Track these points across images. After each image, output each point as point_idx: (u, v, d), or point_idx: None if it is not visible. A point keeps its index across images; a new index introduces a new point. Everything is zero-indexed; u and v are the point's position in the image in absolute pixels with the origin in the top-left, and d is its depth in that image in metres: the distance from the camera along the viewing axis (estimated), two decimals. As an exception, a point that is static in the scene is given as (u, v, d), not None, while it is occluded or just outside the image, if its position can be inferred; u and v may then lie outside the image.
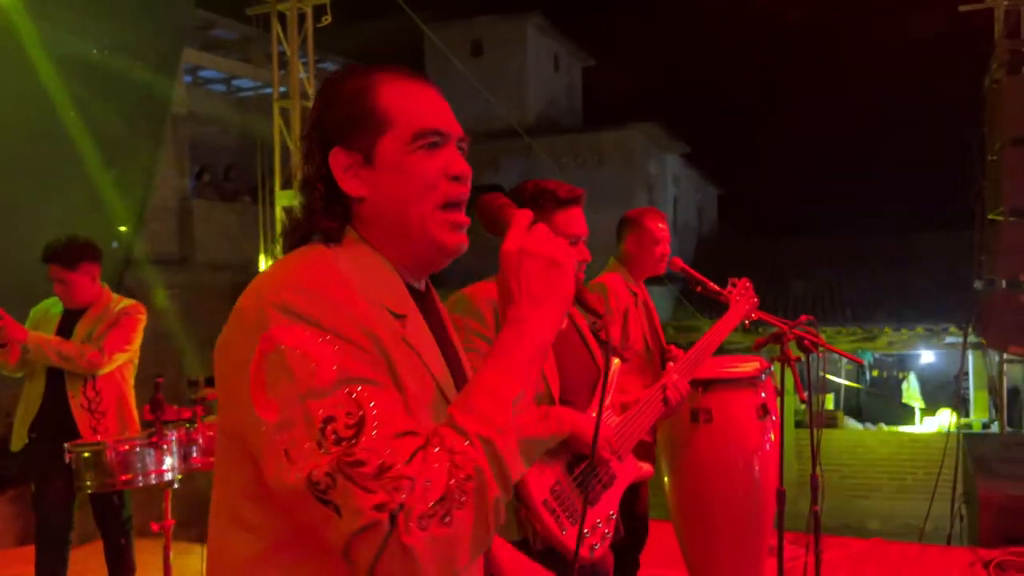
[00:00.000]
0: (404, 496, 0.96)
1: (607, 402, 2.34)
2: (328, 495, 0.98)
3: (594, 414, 2.19)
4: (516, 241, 1.17)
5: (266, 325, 1.06)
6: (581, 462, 2.17)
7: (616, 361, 2.45)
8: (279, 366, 1.03)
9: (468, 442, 1.02)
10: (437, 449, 1.01)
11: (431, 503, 0.97)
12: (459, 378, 1.29)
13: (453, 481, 0.99)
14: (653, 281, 3.70)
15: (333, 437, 0.99)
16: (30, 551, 3.87)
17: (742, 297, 3.11)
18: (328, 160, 1.21)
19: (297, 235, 1.24)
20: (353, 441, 0.99)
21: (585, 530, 2.16)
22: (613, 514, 2.27)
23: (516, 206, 1.26)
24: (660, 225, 3.48)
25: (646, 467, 2.45)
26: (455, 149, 1.25)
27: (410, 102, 1.23)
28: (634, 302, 3.38)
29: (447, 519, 0.97)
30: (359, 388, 1.03)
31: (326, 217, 1.22)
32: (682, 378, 2.57)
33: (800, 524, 3.73)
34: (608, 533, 2.24)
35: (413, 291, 1.26)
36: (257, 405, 1.04)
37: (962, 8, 7.72)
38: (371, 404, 1.02)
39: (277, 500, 1.05)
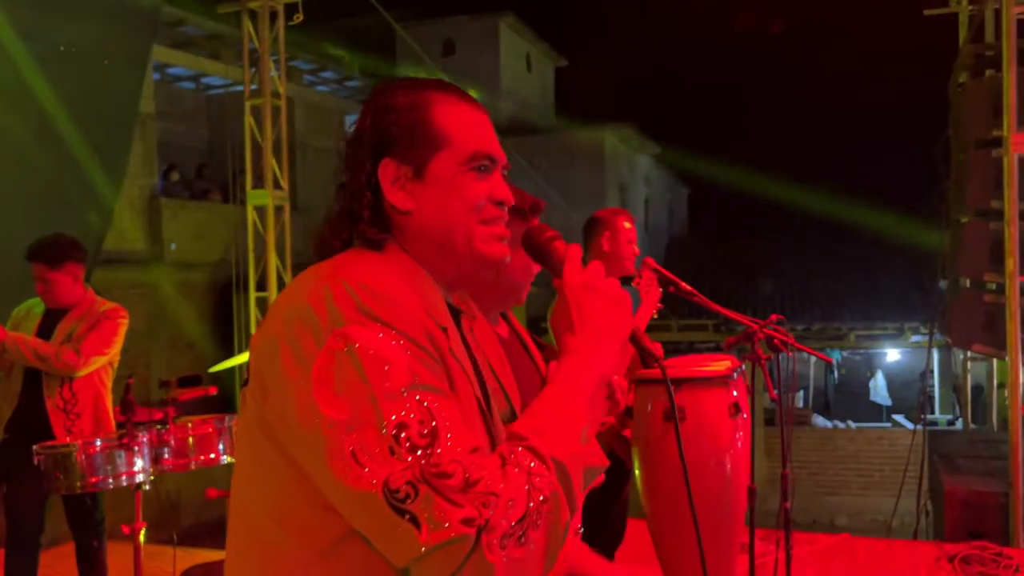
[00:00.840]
0: (491, 512, 0.95)
1: None
2: (407, 504, 0.95)
3: None
4: (577, 275, 1.22)
5: (338, 321, 1.03)
6: None
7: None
8: (351, 364, 1.00)
9: (544, 464, 1.02)
10: (516, 469, 1.00)
11: (513, 522, 0.96)
12: (486, 396, 1.26)
13: (532, 503, 0.99)
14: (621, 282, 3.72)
15: (408, 444, 0.97)
16: (0, 553, 3.83)
17: (650, 286, 3.18)
18: (377, 170, 1.21)
19: (339, 240, 1.22)
20: (429, 451, 0.97)
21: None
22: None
23: (564, 238, 1.32)
24: (628, 225, 3.53)
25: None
26: (500, 175, 1.27)
27: (467, 124, 1.24)
28: None
29: (523, 540, 0.97)
30: (430, 396, 1.01)
31: (372, 225, 1.21)
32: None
33: (770, 521, 3.78)
34: (579, 530, 2.26)
35: (450, 307, 1.27)
36: (322, 402, 1.00)
37: (927, 12, 7.86)
38: (442, 414, 1.00)
39: (327, 502, 1.02)
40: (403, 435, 0.97)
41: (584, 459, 1.09)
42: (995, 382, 8.08)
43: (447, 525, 0.94)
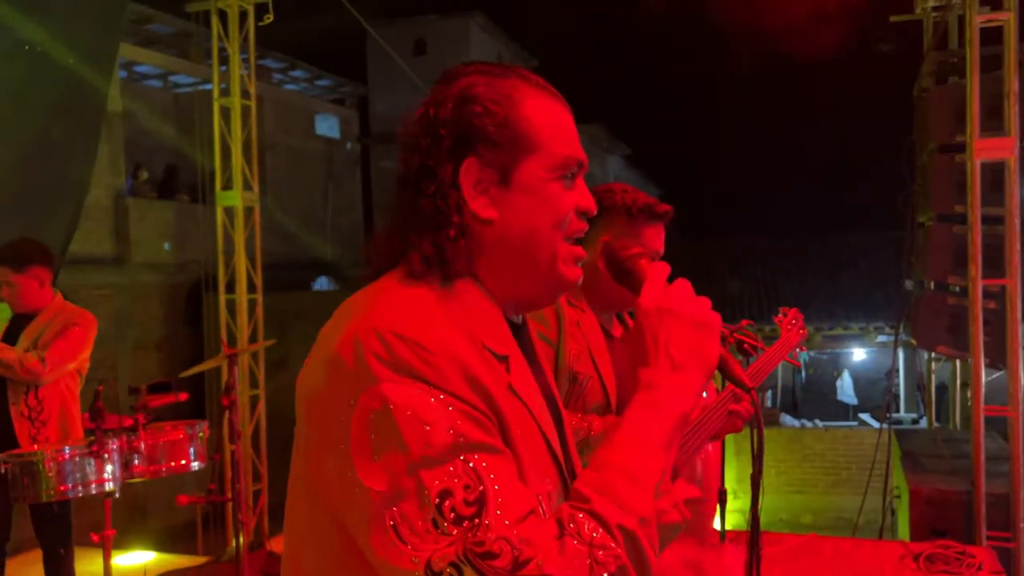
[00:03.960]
0: None
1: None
2: None
3: None
4: (655, 297, 1.07)
5: (372, 378, 0.92)
6: None
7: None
8: (387, 428, 0.90)
9: (609, 534, 0.91)
10: (576, 541, 0.89)
11: None
12: (556, 419, 1.14)
13: None
14: None
15: (452, 516, 0.87)
16: (-37, 563, 3.77)
17: (792, 327, 2.99)
18: (460, 170, 1.06)
19: (400, 247, 1.08)
20: (476, 521, 0.87)
21: None
22: None
23: (650, 257, 1.18)
24: None
25: (692, 488, 2.41)
26: (583, 182, 1.15)
27: (557, 125, 1.12)
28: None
29: None
30: (476, 456, 0.90)
31: (455, 247, 1.05)
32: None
33: (742, 521, 3.83)
34: None
35: (512, 325, 1.13)
36: (360, 470, 0.91)
37: (893, 18, 7.98)
38: (491, 476, 0.90)
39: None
40: (447, 504, 0.88)
41: (662, 517, 0.98)
42: (958, 382, 8.24)
43: None
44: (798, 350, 3.11)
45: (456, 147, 1.06)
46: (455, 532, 0.87)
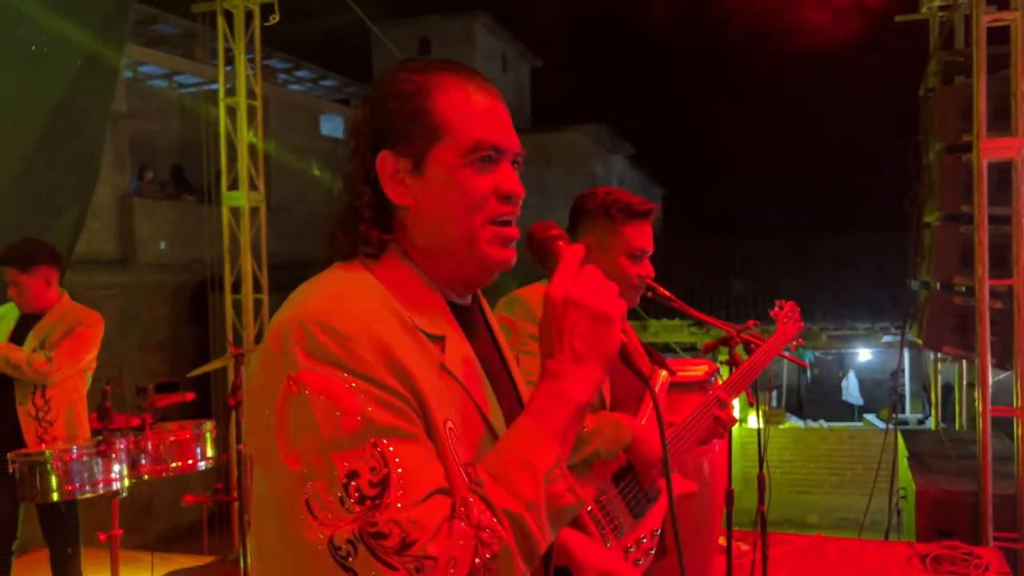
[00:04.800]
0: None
1: (650, 417, 2.26)
2: (348, 562, 0.94)
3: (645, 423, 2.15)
4: (562, 287, 1.08)
5: (294, 365, 0.99)
6: (626, 474, 2.13)
7: (663, 374, 2.34)
8: (304, 412, 0.98)
9: (496, 518, 0.97)
10: (464, 524, 0.96)
11: None
12: (507, 399, 1.20)
13: (479, 560, 0.94)
14: None
15: (357, 495, 0.94)
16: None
17: (788, 320, 3.02)
18: (376, 163, 1.14)
19: (347, 238, 1.16)
20: (377, 502, 0.94)
21: (629, 545, 2.10)
22: (657, 530, 2.19)
23: (568, 238, 1.19)
24: None
25: (688, 483, 2.40)
26: (509, 166, 1.17)
27: (469, 110, 1.14)
28: None
29: None
30: (384, 440, 0.97)
31: (373, 226, 1.14)
32: (728, 398, 2.49)
33: (744, 519, 3.83)
34: (652, 550, 2.17)
35: (455, 307, 1.18)
36: (282, 451, 0.99)
37: (898, 18, 7.97)
38: (397, 460, 0.96)
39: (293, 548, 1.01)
40: (353, 484, 0.95)
41: (554, 501, 1.01)
42: (964, 382, 8.22)
43: None
44: (795, 343, 3.10)
45: (374, 141, 1.14)
46: (358, 511, 0.94)
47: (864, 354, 17.54)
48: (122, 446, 3.37)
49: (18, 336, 3.65)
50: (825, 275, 16.94)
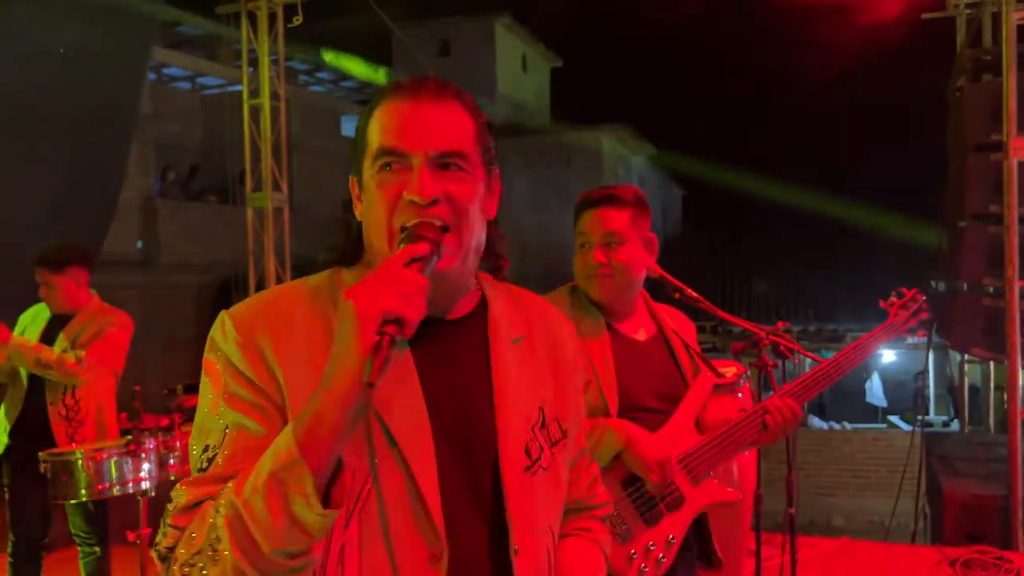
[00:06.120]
0: (170, 543, 1.06)
1: (683, 420, 2.22)
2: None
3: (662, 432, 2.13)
4: (353, 289, 1.02)
5: (206, 350, 1.18)
6: (636, 480, 2.11)
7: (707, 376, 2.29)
8: (199, 389, 1.18)
9: (225, 503, 1.02)
10: (211, 506, 1.05)
11: (192, 554, 1.03)
12: (458, 415, 1.18)
13: (206, 540, 1.02)
14: None
15: (198, 465, 1.12)
16: (2, 559, 3.82)
17: (904, 311, 2.73)
18: (350, 186, 1.25)
19: (341, 252, 1.27)
20: (202, 475, 1.10)
21: (633, 551, 2.06)
22: (673, 539, 2.14)
23: (437, 238, 1.11)
24: None
25: (731, 491, 2.32)
26: (424, 170, 1.12)
27: (383, 120, 1.15)
28: None
29: (205, 573, 1.02)
30: (229, 427, 1.11)
31: (348, 239, 1.26)
32: (796, 399, 2.37)
33: (769, 523, 3.79)
34: (663, 558, 2.11)
35: (429, 321, 1.06)
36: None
37: (924, 16, 7.90)
38: (227, 445, 1.10)
39: None
40: (205, 456, 1.12)
41: (278, 494, 0.98)
42: (992, 384, 8.12)
43: (156, 543, 1.10)
44: (916, 336, 2.78)
45: (352, 166, 1.24)
46: (196, 477, 1.10)
47: (888, 355, 17.38)
48: (151, 446, 3.39)
49: (49, 336, 3.68)
50: (849, 275, 16.82)
